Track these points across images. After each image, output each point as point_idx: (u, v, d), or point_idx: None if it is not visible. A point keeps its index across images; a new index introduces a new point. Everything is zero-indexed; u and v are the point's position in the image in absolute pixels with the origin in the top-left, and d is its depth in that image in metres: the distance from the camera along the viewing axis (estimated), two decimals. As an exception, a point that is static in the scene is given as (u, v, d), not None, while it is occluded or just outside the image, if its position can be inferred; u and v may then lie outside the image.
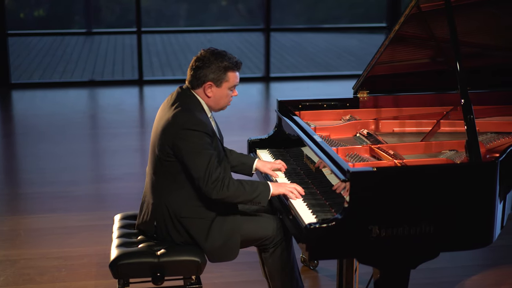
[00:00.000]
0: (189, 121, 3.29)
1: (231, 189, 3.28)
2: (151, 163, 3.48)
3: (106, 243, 4.84)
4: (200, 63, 3.37)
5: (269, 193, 3.36)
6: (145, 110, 8.97)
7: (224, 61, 3.36)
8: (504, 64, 4.42)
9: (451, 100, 4.43)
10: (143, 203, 3.56)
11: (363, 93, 4.38)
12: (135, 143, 7.50)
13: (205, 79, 3.37)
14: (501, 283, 4.30)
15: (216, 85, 3.39)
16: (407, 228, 3.06)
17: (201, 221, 3.40)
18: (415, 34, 4.17)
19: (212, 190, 3.26)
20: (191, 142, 3.26)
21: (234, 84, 3.43)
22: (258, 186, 3.35)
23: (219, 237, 3.41)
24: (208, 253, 3.43)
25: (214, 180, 3.25)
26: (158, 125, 3.42)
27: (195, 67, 3.39)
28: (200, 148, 3.26)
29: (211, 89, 3.39)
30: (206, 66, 3.35)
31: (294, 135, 4.03)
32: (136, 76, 10.45)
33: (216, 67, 3.36)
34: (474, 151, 3.18)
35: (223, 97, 3.43)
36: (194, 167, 3.26)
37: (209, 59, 3.36)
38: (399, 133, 4.06)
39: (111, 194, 5.86)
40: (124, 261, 3.35)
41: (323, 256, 3.13)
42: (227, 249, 3.42)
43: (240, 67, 3.45)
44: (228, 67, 3.38)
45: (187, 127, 3.27)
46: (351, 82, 10.37)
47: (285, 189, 3.38)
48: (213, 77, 3.37)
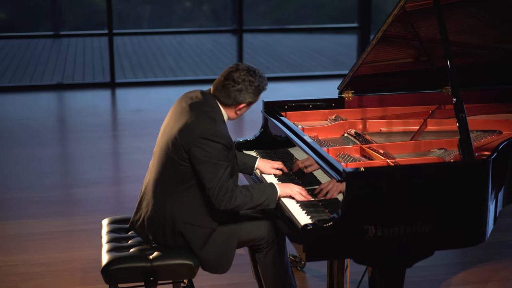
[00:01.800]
0: (210, 131, 3.24)
1: (238, 199, 3.26)
2: (159, 163, 3.41)
3: (88, 248, 4.79)
4: (239, 84, 3.32)
5: (277, 195, 3.34)
6: (118, 113, 8.88)
7: (260, 83, 3.36)
8: (486, 63, 4.46)
9: (434, 99, 4.47)
10: (142, 200, 3.50)
11: (348, 93, 4.38)
12: (109, 147, 7.42)
13: (242, 101, 3.36)
14: (487, 280, 4.33)
15: (248, 106, 3.41)
16: (403, 227, 3.06)
17: (201, 229, 3.37)
18: (398, 34, 4.18)
19: (222, 201, 3.24)
20: (208, 152, 3.22)
21: (256, 101, 3.45)
22: (265, 190, 3.33)
23: (215, 250, 3.39)
24: (201, 261, 3.40)
25: (225, 192, 3.23)
26: (174, 126, 3.34)
27: (233, 84, 3.33)
28: (215, 159, 3.22)
29: (243, 109, 3.40)
30: (245, 88, 3.33)
31: (281, 136, 4.01)
32: (108, 78, 10.35)
33: (254, 91, 3.35)
34: (467, 149, 3.19)
35: (245, 112, 3.48)
36: (207, 177, 3.23)
37: (249, 81, 3.33)
38: (386, 133, 4.07)
39: (88, 199, 5.78)
40: (116, 266, 3.31)
41: (319, 257, 3.11)
42: (220, 263, 3.42)
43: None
44: (261, 90, 3.39)
45: (207, 137, 3.23)
46: (325, 82, 10.57)
47: (293, 190, 3.37)
48: (250, 100, 3.37)
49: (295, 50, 14.52)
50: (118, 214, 5.21)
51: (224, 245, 3.40)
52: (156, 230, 3.41)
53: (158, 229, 3.40)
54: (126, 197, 5.84)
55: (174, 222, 3.36)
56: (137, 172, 6.34)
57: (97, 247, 4.71)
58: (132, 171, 6.45)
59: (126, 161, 6.88)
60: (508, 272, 4.44)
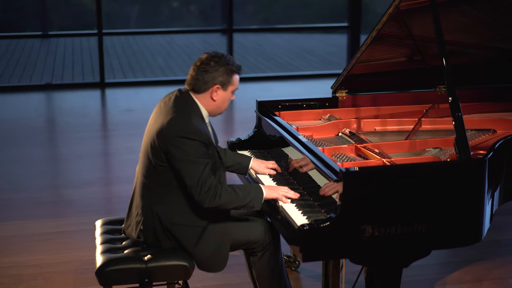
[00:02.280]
0: (185, 128, 3.22)
1: (223, 197, 3.23)
2: (143, 166, 3.39)
3: (81, 249, 4.76)
4: (208, 66, 3.30)
5: (262, 197, 3.31)
6: (109, 113, 8.84)
7: (229, 64, 3.33)
8: (479, 62, 4.46)
9: (428, 98, 4.47)
10: (132, 204, 3.48)
11: (341, 93, 4.37)
12: (100, 147, 7.39)
13: (214, 82, 3.31)
14: (482, 279, 4.33)
15: (223, 88, 3.34)
16: (400, 227, 3.05)
17: (192, 229, 3.35)
18: (392, 33, 4.18)
19: (205, 199, 3.21)
20: (185, 150, 3.19)
21: (236, 88, 3.40)
22: (251, 191, 3.31)
23: (209, 248, 3.36)
24: (196, 260, 3.38)
25: (207, 189, 3.20)
26: (152, 128, 3.33)
27: (202, 71, 3.31)
28: (194, 157, 3.20)
29: (218, 92, 3.34)
30: (215, 70, 3.30)
31: (275, 136, 4.00)
32: (97, 78, 10.30)
33: (224, 70, 3.31)
34: (463, 148, 3.19)
35: (226, 101, 3.39)
36: (187, 175, 3.20)
37: (217, 62, 3.30)
38: (381, 132, 4.06)
39: (79, 200, 5.74)
40: (111, 268, 3.27)
41: (316, 258, 3.09)
42: (215, 261, 3.39)
43: (241, 71, 3.43)
44: (234, 70, 3.34)
45: (182, 135, 3.20)
46: (315, 82, 10.56)
47: (278, 193, 3.34)
48: (221, 80, 3.32)
49: (285, 49, 14.51)
50: (110, 215, 5.20)
51: (218, 243, 3.38)
52: (148, 234, 3.38)
53: (149, 232, 3.38)
54: (117, 198, 5.81)
55: (164, 224, 3.34)
56: (128, 172, 6.30)
57: (90, 249, 4.69)
58: (124, 172, 6.41)
59: (117, 162, 6.85)
60: (502, 271, 4.44)
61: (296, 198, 3.35)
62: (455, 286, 4.24)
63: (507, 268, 4.49)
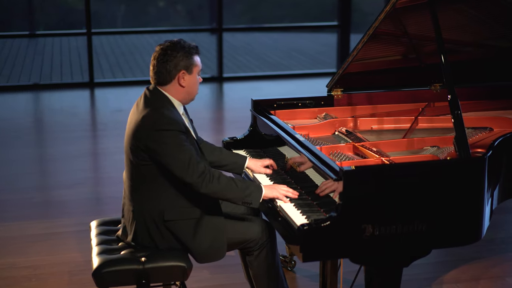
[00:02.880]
0: (159, 121, 3.19)
1: (222, 182, 3.20)
2: (127, 169, 3.37)
3: (74, 250, 4.71)
4: (166, 56, 3.28)
5: (261, 194, 3.28)
6: (99, 113, 8.77)
7: (186, 47, 3.30)
8: (475, 60, 4.45)
9: (423, 96, 4.45)
10: (123, 210, 3.44)
11: (337, 91, 4.35)
12: (90, 147, 7.34)
13: (177, 68, 3.28)
14: (479, 278, 4.32)
15: (188, 72, 3.31)
16: (400, 226, 3.03)
17: (185, 222, 3.31)
18: (388, 31, 4.15)
19: (201, 183, 3.17)
20: (166, 143, 3.16)
21: (200, 67, 3.37)
22: (250, 185, 3.27)
23: (206, 237, 3.32)
24: (196, 254, 3.34)
25: (201, 173, 3.16)
26: (129, 130, 3.30)
27: (163, 62, 3.28)
28: (177, 146, 3.17)
29: (185, 77, 3.30)
30: (174, 57, 3.27)
31: (271, 135, 3.97)
32: (86, 78, 10.23)
33: (183, 54, 3.28)
34: (463, 147, 3.17)
35: (194, 84, 3.36)
36: (176, 165, 3.16)
37: (173, 49, 3.28)
38: (377, 131, 4.04)
39: (69, 201, 5.68)
40: (108, 269, 3.23)
41: (316, 257, 3.07)
42: (215, 249, 3.34)
43: (199, 51, 3.40)
44: (192, 52, 3.32)
45: (158, 128, 3.17)
46: (305, 81, 10.54)
47: (278, 192, 3.30)
48: (184, 64, 3.29)
49: (274, 49, 14.48)
50: (101, 216, 5.15)
51: (215, 231, 3.34)
52: (143, 236, 3.34)
53: (144, 234, 3.33)
54: (108, 198, 5.76)
55: (157, 223, 3.31)
56: (119, 172, 6.25)
57: (83, 250, 4.66)
58: (115, 172, 6.36)
59: (108, 162, 6.78)
60: (499, 269, 4.43)
61: (296, 197, 3.32)
62: (452, 285, 4.22)
63: (503, 266, 4.49)
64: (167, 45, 3.31)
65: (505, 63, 4.48)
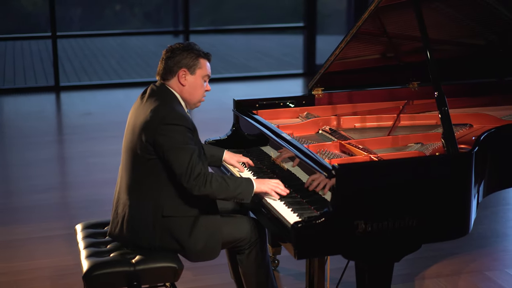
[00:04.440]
0: (169, 115, 3.20)
1: (214, 185, 3.19)
2: (129, 162, 3.33)
3: (55, 255, 4.66)
4: (171, 53, 3.32)
5: (253, 190, 3.28)
6: (66, 117, 8.66)
7: (195, 49, 3.34)
8: (453, 58, 4.51)
9: (402, 95, 4.51)
10: (118, 205, 3.41)
11: (318, 90, 4.37)
12: (58, 151, 7.26)
13: (179, 65, 3.31)
14: (459, 272, 4.38)
15: (190, 72, 3.32)
16: (392, 221, 3.06)
17: (183, 219, 3.30)
18: (368, 31, 4.19)
19: (195, 186, 3.16)
20: (172, 137, 3.17)
21: (207, 73, 3.38)
22: (242, 183, 3.27)
23: (202, 236, 3.32)
24: (190, 252, 3.33)
25: (196, 176, 3.16)
26: (135, 124, 3.29)
27: (166, 58, 3.33)
28: (181, 143, 3.17)
29: (186, 77, 3.32)
30: (178, 54, 3.31)
31: (254, 135, 3.98)
32: (51, 82, 10.12)
33: (187, 54, 3.31)
34: (451, 142, 3.22)
35: (198, 87, 3.36)
36: (176, 163, 3.16)
37: (179, 48, 3.33)
38: (360, 129, 4.08)
39: (43, 205, 5.61)
40: (98, 272, 3.20)
41: (310, 255, 3.10)
42: (210, 248, 3.34)
43: (211, 59, 3.41)
44: (199, 54, 3.34)
45: (167, 122, 3.18)
46: (272, 82, 10.56)
47: (268, 187, 3.31)
48: (186, 62, 3.31)
49: (239, 50, 14.48)
50: (72, 220, 5.19)
51: (211, 231, 3.33)
52: (138, 231, 3.32)
53: (140, 229, 3.31)
54: (77, 203, 5.69)
55: (156, 218, 3.29)
56: (89, 176, 6.25)
57: (64, 254, 4.63)
58: (86, 176, 6.31)
59: (78, 165, 6.69)
60: (478, 264, 4.50)
61: (285, 194, 3.33)
62: (434, 280, 4.28)
63: (482, 260, 4.56)
64: (178, 43, 3.38)
65: (481, 61, 4.56)
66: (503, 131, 3.64)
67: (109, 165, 6.53)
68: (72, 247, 4.74)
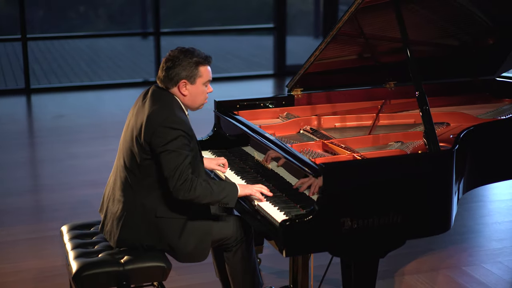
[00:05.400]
0: (169, 118, 3.23)
1: (198, 191, 3.23)
2: (125, 161, 3.37)
3: (36, 258, 4.66)
4: (171, 63, 3.33)
5: (237, 194, 3.33)
6: (39, 119, 8.61)
7: (194, 56, 3.34)
8: (429, 58, 4.61)
9: (379, 95, 4.59)
10: (109, 202, 3.43)
11: (297, 91, 4.44)
12: (31, 154, 7.23)
13: (178, 77, 3.33)
14: (437, 268, 4.48)
15: (190, 83, 3.35)
16: (377, 218, 3.13)
17: (175, 221, 3.34)
18: (345, 32, 4.26)
19: (180, 191, 3.20)
20: (167, 140, 3.20)
21: (208, 79, 3.40)
22: (226, 187, 3.32)
23: (192, 238, 3.36)
24: (180, 254, 3.37)
25: (183, 181, 3.20)
26: (135, 124, 3.32)
27: (166, 68, 3.34)
28: (174, 147, 3.20)
29: (186, 87, 3.35)
30: (177, 65, 3.31)
31: (235, 135, 4.03)
32: (21, 85, 10.06)
33: (187, 64, 3.32)
34: (432, 141, 3.30)
35: (199, 94, 3.39)
36: (166, 166, 3.20)
37: (178, 58, 3.33)
38: (340, 128, 4.15)
39: (20, 208, 5.61)
40: (88, 272, 3.23)
41: (299, 252, 3.16)
42: (199, 251, 3.38)
43: (211, 61, 3.42)
44: (199, 62, 3.35)
45: (166, 125, 3.21)
46: (243, 83, 10.61)
47: (252, 190, 3.36)
48: (186, 74, 3.32)
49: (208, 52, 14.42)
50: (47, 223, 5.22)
51: (201, 233, 3.38)
52: (130, 228, 3.35)
53: (132, 227, 3.35)
54: (54, 205, 5.68)
55: (148, 217, 3.33)
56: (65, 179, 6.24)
57: (41, 256, 4.63)
58: (62, 178, 6.30)
59: (51, 168, 6.67)
60: (455, 260, 4.61)
61: (271, 195, 3.38)
62: (413, 276, 4.37)
63: (459, 256, 4.67)
64: (176, 51, 3.36)
65: (455, 61, 4.66)
66: (482, 129, 3.74)
67: (84, 167, 6.53)
68: (52, 249, 4.75)
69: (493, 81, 4.83)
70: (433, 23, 4.40)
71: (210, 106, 4.35)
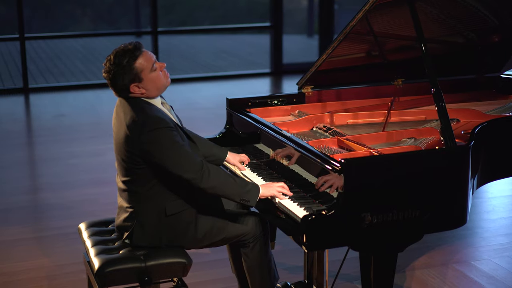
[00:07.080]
0: (146, 122, 3.19)
1: (221, 177, 3.24)
2: (121, 173, 3.39)
3: (47, 255, 4.68)
4: (110, 77, 3.24)
5: (259, 193, 3.34)
6: (39, 119, 8.61)
7: (124, 58, 3.20)
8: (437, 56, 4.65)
9: (387, 92, 4.64)
10: (119, 211, 3.48)
11: (307, 88, 4.48)
12: (32, 153, 7.24)
13: (126, 85, 3.24)
14: (447, 263, 4.54)
15: (139, 81, 3.24)
16: (396, 213, 3.18)
17: (185, 212, 3.38)
18: (356, 30, 4.31)
19: (200, 178, 3.20)
20: (159, 142, 3.18)
21: (151, 63, 3.25)
22: (248, 183, 3.36)
23: (207, 222, 3.43)
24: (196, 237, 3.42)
25: (198, 168, 3.21)
26: (118, 137, 3.32)
27: (110, 84, 3.26)
28: (169, 144, 3.19)
29: (139, 86, 3.26)
30: (116, 75, 3.21)
31: (248, 132, 4.07)
32: (19, 84, 10.05)
33: (122, 70, 3.20)
34: (449, 136, 3.35)
35: (155, 81, 3.28)
36: (171, 164, 3.19)
37: (111, 70, 3.21)
38: (353, 125, 4.20)
39: (21, 208, 5.63)
40: (110, 268, 3.26)
41: (320, 247, 3.21)
42: (215, 231, 3.45)
43: (142, 46, 3.27)
44: (131, 59, 3.20)
45: (148, 130, 3.17)
46: (241, 81, 10.64)
47: (275, 190, 3.37)
48: (129, 78, 3.22)
49: (203, 51, 14.53)
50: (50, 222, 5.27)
51: (214, 219, 3.44)
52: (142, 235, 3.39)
53: (143, 232, 3.38)
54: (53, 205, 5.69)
55: (159, 220, 3.36)
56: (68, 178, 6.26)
57: (56, 254, 4.66)
58: (66, 177, 6.32)
59: (54, 167, 6.69)
60: (463, 255, 4.67)
61: (291, 195, 3.41)
62: (424, 270, 4.43)
63: (467, 251, 4.73)
64: (108, 64, 3.24)
65: (461, 58, 4.72)
66: (495, 125, 3.80)
67: (84, 166, 6.56)
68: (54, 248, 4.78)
69: (498, 78, 4.89)
70: (439, 21, 4.45)
71: (203, 104, 4.36)
